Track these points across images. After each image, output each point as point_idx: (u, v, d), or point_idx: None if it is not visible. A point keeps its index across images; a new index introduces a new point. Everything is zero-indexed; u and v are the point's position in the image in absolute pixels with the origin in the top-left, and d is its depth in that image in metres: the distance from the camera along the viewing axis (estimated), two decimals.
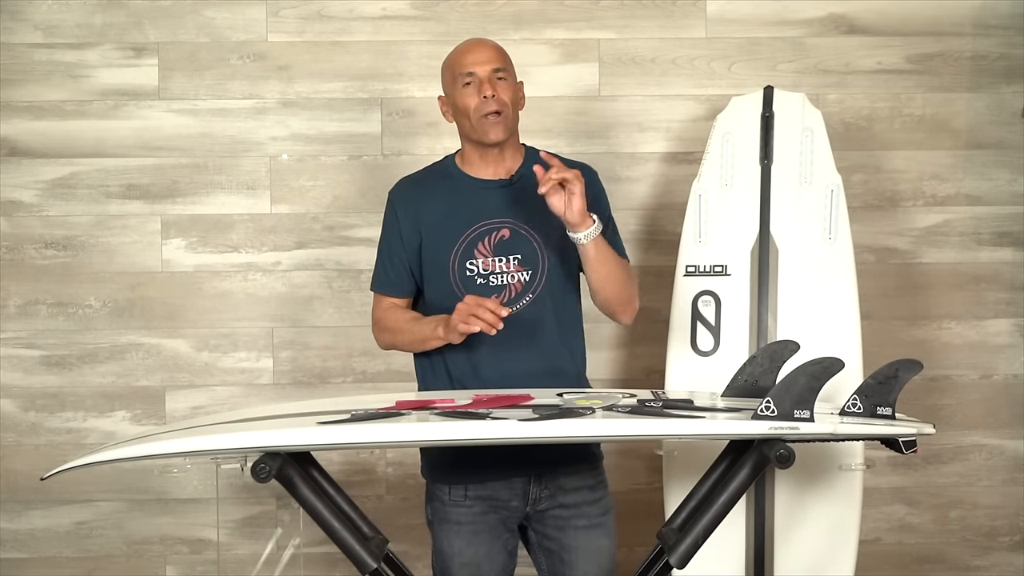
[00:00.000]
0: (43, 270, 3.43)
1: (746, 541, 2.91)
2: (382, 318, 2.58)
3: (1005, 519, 3.51)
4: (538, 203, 2.45)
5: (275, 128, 3.44)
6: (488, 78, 2.46)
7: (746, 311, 2.96)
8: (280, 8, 3.43)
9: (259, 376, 3.45)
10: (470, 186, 2.53)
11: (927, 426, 2.13)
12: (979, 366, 3.50)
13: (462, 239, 2.48)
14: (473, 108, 2.47)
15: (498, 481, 2.47)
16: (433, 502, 2.54)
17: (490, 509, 2.48)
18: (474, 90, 2.47)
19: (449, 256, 2.47)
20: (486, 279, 2.46)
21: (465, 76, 2.47)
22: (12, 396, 3.43)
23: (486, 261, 2.47)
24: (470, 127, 2.49)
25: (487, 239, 2.48)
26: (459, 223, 2.49)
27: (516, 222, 2.49)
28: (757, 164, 3.02)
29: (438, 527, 2.52)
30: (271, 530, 3.22)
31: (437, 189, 2.55)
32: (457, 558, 2.47)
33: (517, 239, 2.48)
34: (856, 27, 3.46)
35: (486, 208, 2.50)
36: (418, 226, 2.52)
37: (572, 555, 2.50)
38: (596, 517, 2.52)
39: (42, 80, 3.41)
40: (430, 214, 2.51)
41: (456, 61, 2.51)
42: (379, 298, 2.60)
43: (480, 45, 2.53)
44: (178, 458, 2.18)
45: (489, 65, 2.48)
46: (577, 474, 2.50)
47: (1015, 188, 3.48)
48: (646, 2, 3.45)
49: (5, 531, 3.45)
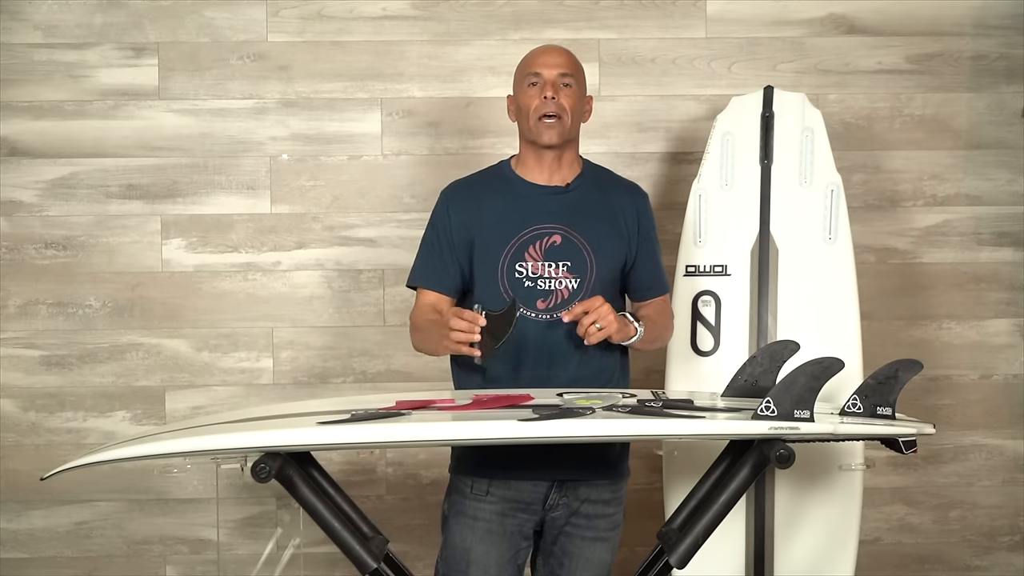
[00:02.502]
0: (43, 270, 3.43)
1: (746, 541, 2.91)
2: (416, 316, 2.55)
3: (1005, 519, 3.51)
4: (591, 212, 2.51)
5: (275, 128, 3.44)
6: (553, 81, 2.49)
7: (746, 311, 2.96)
8: (280, 8, 3.43)
9: (259, 376, 3.45)
10: (526, 190, 2.54)
11: (927, 426, 2.13)
12: (979, 366, 3.50)
13: (514, 241, 2.48)
14: (533, 108, 2.49)
15: (524, 482, 2.46)
16: (453, 495, 2.53)
17: (510, 511, 2.46)
18: (537, 91, 2.50)
19: (500, 257, 2.48)
20: (534, 283, 2.47)
21: (532, 76, 2.50)
22: (12, 396, 3.43)
23: (536, 265, 2.47)
24: (527, 127, 2.51)
25: (538, 243, 2.48)
26: (513, 225, 2.49)
27: (568, 229, 2.49)
28: (757, 164, 3.02)
29: (453, 520, 2.50)
30: (271, 530, 3.22)
31: (492, 192, 2.55)
32: (468, 554, 2.45)
33: (568, 246, 2.49)
34: (856, 27, 3.46)
35: (540, 212, 2.50)
36: (470, 225, 2.52)
37: (572, 562, 2.50)
38: (604, 531, 2.52)
39: (42, 80, 3.41)
40: (484, 214, 2.52)
41: (527, 61, 2.56)
42: (419, 295, 2.57)
43: (553, 50, 2.56)
44: (178, 458, 2.18)
45: (557, 69, 2.51)
46: (598, 488, 2.50)
47: (1015, 188, 3.48)
48: (646, 2, 3.45)
49: (5, 531, 3.45)
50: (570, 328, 2.41)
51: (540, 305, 2.47)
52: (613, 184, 2.62)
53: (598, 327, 2.34)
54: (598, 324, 2.34)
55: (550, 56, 2.53)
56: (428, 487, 3.44)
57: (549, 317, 2.46)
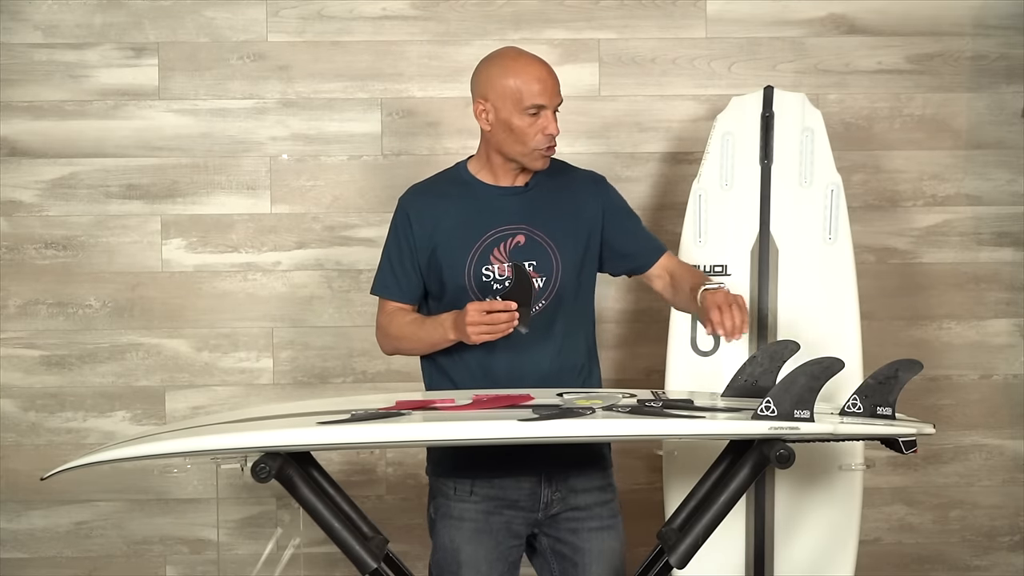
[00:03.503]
0: (43, 270, 3.43)
1: (746, 541, 2.91)
2: (386, 323, 2.56)
3: (1005, 519, 3.51)
4: (552, 210, 2.49)
5: (275, 128, 3.44)
6: (554, 115, 2.45)
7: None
8: (280, 8, 3.43)
9: (259, 376, 3.45)
10: (485, 193, 2.52)
11: (927, 426, 2.13)
12: (979, 366, 3.50)
13: (478, 245, 2.47)
14: (532, 139, 2.44)
15: (506, 479, 2.45)
16: (437, 499, 2.53)
17: (495, 509, 2.46)
18: (538, 124, 2.43)
19: (465, 262, 2.47)
20: (502, 284, 2.46)
21: (532, 108, 2.42)
22: (12, 396, 3.43)
23: (502, 267, 2.47)
24: (519, 151, 2.46)
25: (502, 245, 2.48)
26: (475, 229, 2.48)
27: (531, 228, 2.49)
28: (757, 164, 3.02)
29: (440, 523, 2.50)
30: (271, 530, 3.22)
31: (451, 196, 2.53)
32: (457, 555, 2.45)
33: (532, 245, 2.48)
34: (856, 27, 3.46)
35: (501, 214, 2.49)
36: (432, 232, 2.50)
37: (585, 557, 2.49)
38: (607, 519, 2.51)
39: (42, 80, 3.41)
40: (445, 220, 2.50)
41: (526, 89, 2.42)
42: (383, 303, 2.58)
43: (550, 76, 2.46)
44: (178, 458, 2.18)
45: (557, 100, 2.46)
46: (587, 475, 2.50)
47: (1015, 188, 3.48)
48: (646, 2, 3.45)
49: (5, 531, 3.45)
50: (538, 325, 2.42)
51: None
52: (570, 177, 2.60)
53: (739, 321, 2.31)
54: (737, 319, 2.31)
55: (550, 84, 2.45)
56: (428, 487, 3.43)
57: None
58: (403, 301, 2.55)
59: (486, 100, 2.47)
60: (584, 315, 2.56)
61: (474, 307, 2.33)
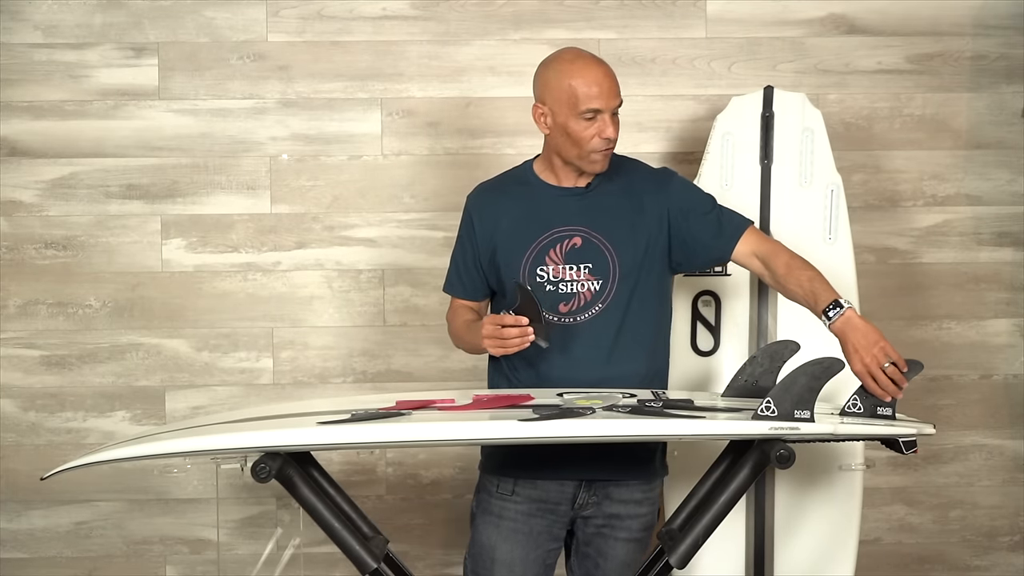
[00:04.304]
0: (43, 270, 3.43)
1: (746, 541, 2.91)
2: (451, 320, 2.63)
3: (1005, 519, 3.51)
4: (612, 212, 2.46)
5: (275, 128, 3.44)
6: (612, 119, 2.41)
7: (746, 311, 2.96)
8: (280, 8, 3.42)
9: (259, 376, 3.45)
10: (546, 193, 2.51)
11: (927, 426, 2.13)
12: (979, 366, 3.50)
13: (534, 245, 2.46)
14: (589, 143, 2.40)
15: (550, 482, 2.45)
16: (480, 493, 2.53)
17: (537, 512, 2.46)
18: (596, 127, 2.39)
19: (521, 262, 2.46)
20: (555, 286, 2.45)
21: (589, 112, 2.38)
22: (12, 396, 3.43)
23: (556, 268, 2.45)
24: (576, 155, 2.43)
25: (558, 246, 2.46)
26: (533, 229, 2.47)
27: (589, 231, 2.46)
28: (757, 164, 3.02)
29: (480, 518, 2.50)
30: (271, 530, 3.23)
31: (513, 195, 2.53)
32: (492, 552, 2.46)
33: (589, 248, 2.45)
34: (856, 27, 3.46)
35: (559, 215, 2.47)
36: (493, 232, 2.51)
37: (608, 563, 2.49)
38: (637, 532, 2.50)
39: (42, 80, 3.41)
40: (505, 220, 2.50)
41: (583, 92, 2.38)
42: (452, 299, 2.63)
43: (608, 79, 2.41)
44: (178, 458, 2.19)
45: (615, 102, 2.41)
46: (627, 486, 2.48)
47: (1015, 188, 3.48)
48: (646, 2, 3.45)
49: (5, 531, 3.45)
50: (594, 331, 2.41)
51: (562, 308, 2.44)
52: (633, 177, 2.54)
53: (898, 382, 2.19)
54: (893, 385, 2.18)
55: (608, 85, 2.40)
56: (428, 487, 3.44)
57: (572, 320, 2.44)
58: (467, 299, 2.59)
59: (544, 104, 2.44)
60: (646, 321, 2.49)
61: (489, 320, 2.35)
